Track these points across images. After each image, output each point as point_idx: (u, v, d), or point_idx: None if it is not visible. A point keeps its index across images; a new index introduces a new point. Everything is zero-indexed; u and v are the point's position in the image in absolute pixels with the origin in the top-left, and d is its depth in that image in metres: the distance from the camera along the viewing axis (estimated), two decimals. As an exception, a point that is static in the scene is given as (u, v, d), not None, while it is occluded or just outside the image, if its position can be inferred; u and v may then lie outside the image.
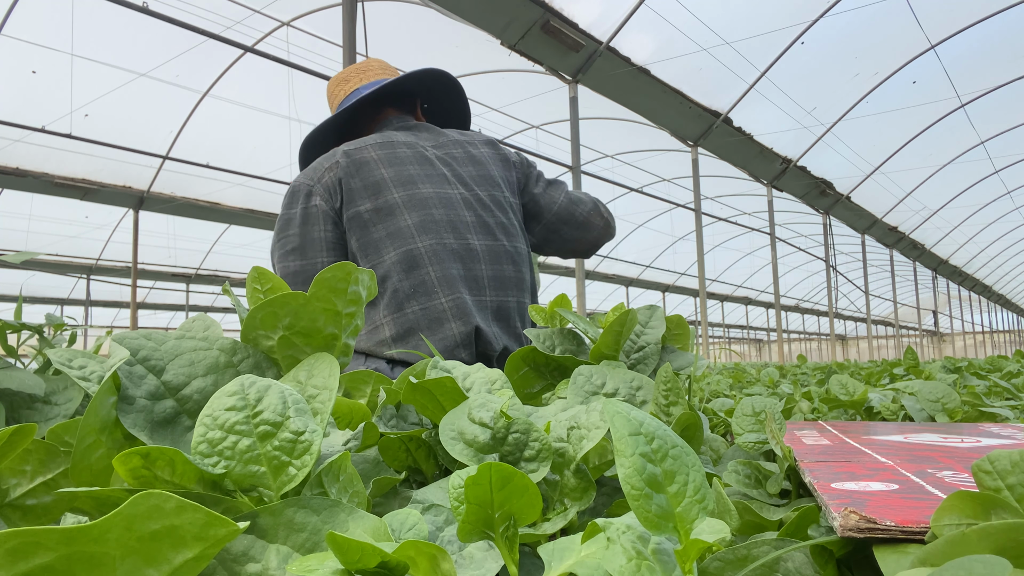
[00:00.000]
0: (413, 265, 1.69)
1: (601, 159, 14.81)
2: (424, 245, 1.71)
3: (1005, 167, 17.85)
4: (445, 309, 1.67)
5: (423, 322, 1.65)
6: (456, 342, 1.65)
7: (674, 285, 25.66)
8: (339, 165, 1.79)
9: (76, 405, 0.77)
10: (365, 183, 1.77)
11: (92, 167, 10.98)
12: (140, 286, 17.06)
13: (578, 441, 0.62)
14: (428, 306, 1.67)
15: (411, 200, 1.76)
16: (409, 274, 1.68)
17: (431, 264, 1.69)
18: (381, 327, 1.68)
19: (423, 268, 1.69)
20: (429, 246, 1.71)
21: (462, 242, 1.76)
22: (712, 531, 0.39)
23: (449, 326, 1.66)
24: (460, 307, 1.67)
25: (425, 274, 1.68)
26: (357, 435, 0.70)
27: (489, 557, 0.48)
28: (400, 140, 1.89)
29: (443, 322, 1.66)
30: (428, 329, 1.65)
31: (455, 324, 1.66)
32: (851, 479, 0.62)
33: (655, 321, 1.10)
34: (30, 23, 8.62)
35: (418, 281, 1.68)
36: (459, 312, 1.67)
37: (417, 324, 1.65)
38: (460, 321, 1.66)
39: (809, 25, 10.38)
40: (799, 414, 1.63)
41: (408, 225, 1.73)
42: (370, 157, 1.82)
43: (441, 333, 1.65)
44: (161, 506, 0.30)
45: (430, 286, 1.68)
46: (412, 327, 1.65)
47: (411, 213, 1.74)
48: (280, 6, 9.22)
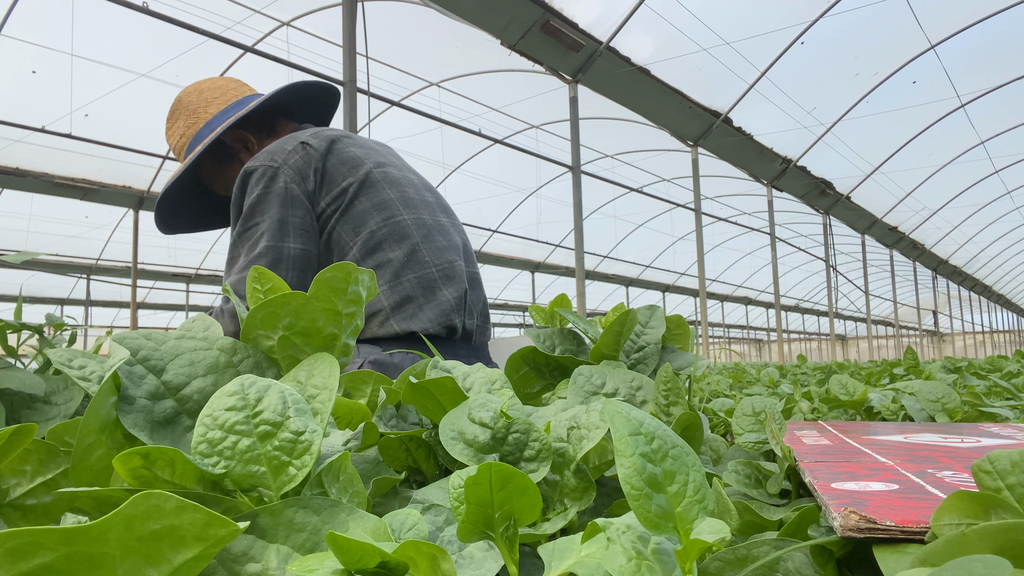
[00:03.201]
0: (402, 235, 1.72)
1: (601, 159, 14.82)
2: (408, 218, 1.74)
3: (1005, 167, 17.86)
4: (436, 277, 1.71)
5: (418, 290, 1.68)
6: (451, 306, 1.69)
7: (674, 285, 25.66)
8: (308, 147, 1.73)
9: (76, 405, 0.77)
10: (342, 159, 1.75)
11: (92, 167, 10.98)
12: (140, 286, 17.06)
13: (578, 441, 0.62)
14: (422, 275, 1.70)
15: (386, 177, 1.78)
16: (400, 243, 1.71)
17: (418, 235, 1.73)
18: (377, 298, 1.66)
19: (411, 238, 1.72)
20: (413, 219, 1.75)
21: (434, 218, 1.81)
22: (712, 531, 0.39)
23: (442, 293, 1.70)
24: (447, 274, 1.73)
25: (415, 244, 1.72)
26: (357, 435, 0.70)
27: (489, 557, 0.48)
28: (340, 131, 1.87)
29: (436, 289, 1.69)
30: (423, 297, 1.68)
31: (447, 290, 1.71)
32: (851, 479, 0.62)
33: (655, 321, 1.10)
34: (30, 23, 8.63)
35: (409, 250, 1.71)
36: (447, 278, 1.72)
37: (413, 292, 1.68)
38: (452, 287, 1.71)
39: (809, 25, 10.38)
40: (799, 414, 1.63)
41: (391, 198, 1.75)
42: (333, 136, 1.79)
43: (435, 300, 1.69)
44: (161, 506, 0.30)
45: (421, 255, 1.71)
46: (409, 295, 1.67)
47: (390, 188, 1.76)
48: (280, 6, 9.23)
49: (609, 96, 9.95)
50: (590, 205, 16.64)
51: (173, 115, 1.96)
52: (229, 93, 1.95)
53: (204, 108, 1.91)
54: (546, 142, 13.14)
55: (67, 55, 8.93)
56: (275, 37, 9.70)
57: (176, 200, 2.01)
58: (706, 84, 11.00)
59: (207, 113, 1.90)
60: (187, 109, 1.93)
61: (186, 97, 1.95)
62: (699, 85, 10.89)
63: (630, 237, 20.43)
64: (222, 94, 1.94)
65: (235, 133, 1.91)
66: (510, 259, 18.88)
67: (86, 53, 9.08)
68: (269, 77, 9.72)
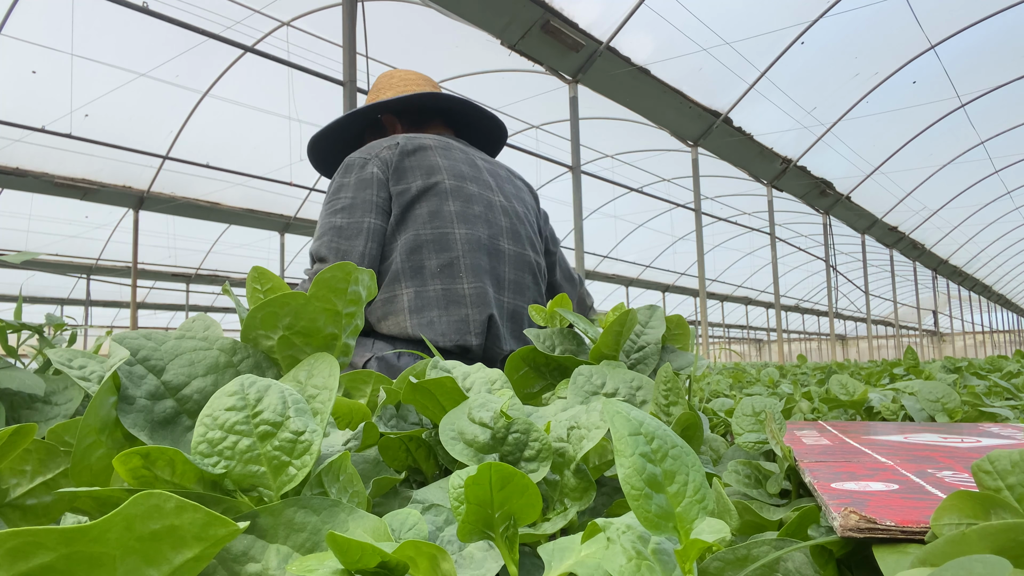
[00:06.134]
0: (446, 247, 1.75)
1: (601, 159, 14.81)
2: (460, 232, 1.78)
3: (1005, 167, 17.85)
4: (466, 295, 1.73)
5: (442, 301, 1.71)
6: (468, 328, 1.70)
7: (674, 285, 25.66)
8: (398, 145, 1.87)
9: (76, 405, 0.77)
10: (420, 163, 1.85)
11: (92, 167, 10.98)
12: (140, 286, 17.07)
13: (578, 441, 0.62)
14: (451, 288, 1.72)
15: (458, 190, 1.84)
16: (440, 254, 1.75)
17: (463, 251, 1.76)
18: (400, 296, 1.72)
19: (454, 251, 1.75)
20: (464, 234, 1.78)
21: (493, 242, 1.84)
22: (712, 531, 0.39)
23: (466, 311, 1.71)
24: (480, 296, 1.74)
25: (455, 258, 1.75)
26: (357, 435, 0.70)
27: (489, 557, 0.48)
28: (455, 144, 1.99)
29: (461, 306, 1.71)
30: (445, 309, 1.70)
31: (472, 311, 1.72)
32: (851, 479, 0.62)
33: (655, 321, 1.10)
34: (30, 23, 8.62)
35: (447, 262, 1.74)
36: (478, 301, 1.73)
37: (436, 302, 1.71)
38: (477, 309, 1.72)
39: (809, 25, 10.38)
40: (799, 414, 1.63)
41: (450, 211, 1.80)
42: (428, 144, 1.91)
43: (457, 315, 1.70)
44: (161, 506, 0.30)
45: (457, 270, 1.74)
46: (430, 302, 1.71)
47: (455, 201, 1.82)
48: (280, 6, 9.22)
49: (609, 96, 9.94)
50: (590, 205, 16.64)
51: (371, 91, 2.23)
52: (411, 85, 2.16)
53: (386, 90, 2.16)
54: (546, 142, 13.13)
55: (67, 55, 8.93)
56: (275, 37, 9.70)
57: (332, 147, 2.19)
58: (706, 84, 11.00)
59: (385, 94, 2.16)
60: (376, 87, 2.21)
61: (381, 78, 2.23)
62: (699, 85, 10.88)
63: (630, 237, 20.42)
64: (405, 85, 2.16)
65: (388, 116, 2.14)
66: (510, 259, 18.84)
67: (86, 53, 9.07)
68: (269, 77, 9.72)
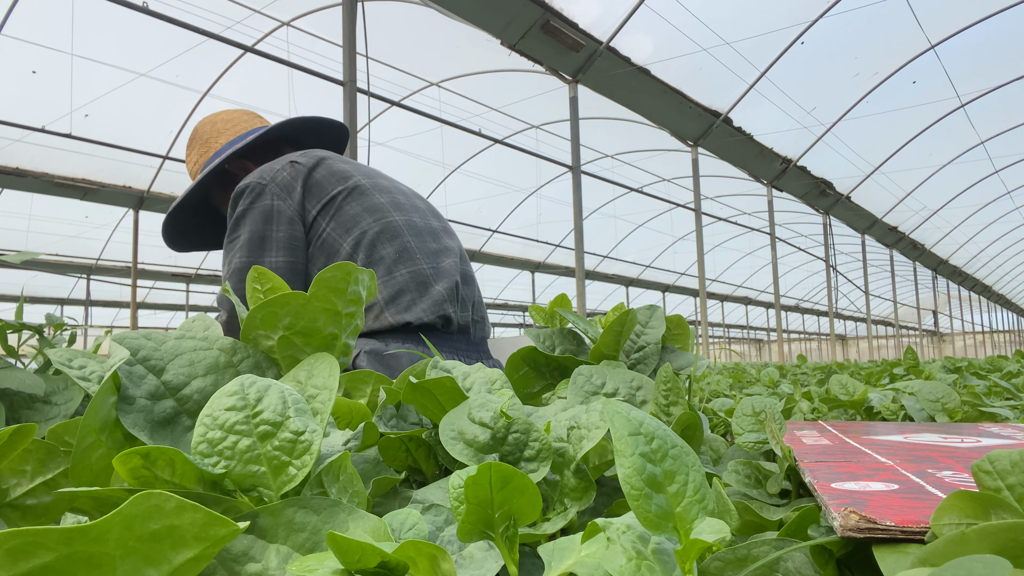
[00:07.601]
0: (394, 234, 1.79)
1: (601, 159, 14.81)
2: (400, 219, 1.82)
3: (1005, 167, 17.85)
4: (428, 273, 1.78)
5: (411, 284, 1.75)
6: (443, 297, 1.76)
7: (674, 285, 25.66)
8: (296, 163, 1.83)
9: (76, 405, 0.77)
10: (331, 172, 1.85)
11: (92, 167, 10.98)
12: (140, 286, 17.06)
13: (578, 441, 0.62)
14: (414, 270, 1.77)
15: (375, 186, 1.87)
16: (391, 241, 1.78)
17: (409, 235, 1.81)
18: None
19: (403, 237, 1.80)
20: (404, 220, 1.83)
21: (425, 222, 1.90)
22: (712, 531, 0.39)
23: (434, 288, 1.77)
24: (440, 271, 1.80)
25: (406, 242, 1.79)
26: (357, 435, 0.70)
27: (489, 557, 0.48)
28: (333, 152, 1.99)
29: (428, 285, 1.77)
30: (416, 291, 1.75)
31: (439, 284, 1.78)
32: (851, 479, 0.62)
33: (655, 321, 1.09)
34: (30, 23, 8.62)
35: (400, 248, 1.78)
36: (440, 274, 1.79)
37: (406, 286, 1.75)
38: (443, 281, 1.79)
39: (809, 25, 10.38)
40: (799, 414, 1.63)
41: (382, 202, 1.84)
42: (323, 154, 1.91)
43: (428, 293, 1.76)
44: (161, 506, 0.30)
45: (412, 252, 1.79)
46: (402, 289, 1.75)
47: (379, 194, 1.85)
48: (280, 6, 9.22)
49: (609, 96, 9.94)
50: (590, 205, 16.64)
51: (189, 144, 2.13)
52: (240, 124, 2.09)
53: (216, 138, 2.06)
54: (546, 142, 13.13)
55: (67, 55, 8.92)
56: (275, 37, 9.70)
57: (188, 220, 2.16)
58: (706, 84, 11.00)
59: (217, 143, 2.06)
60: (201, 138, 2.09)
61: (201, 127, 2.11)
62: (699, 85, 10.88)
63: (630, 237, 20.43)
64: (233, 125, 2.08)
65: (238, 162, 2.04)
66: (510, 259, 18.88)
67: (86, 53, 9.07)
68: (269, 77, 9.72)
